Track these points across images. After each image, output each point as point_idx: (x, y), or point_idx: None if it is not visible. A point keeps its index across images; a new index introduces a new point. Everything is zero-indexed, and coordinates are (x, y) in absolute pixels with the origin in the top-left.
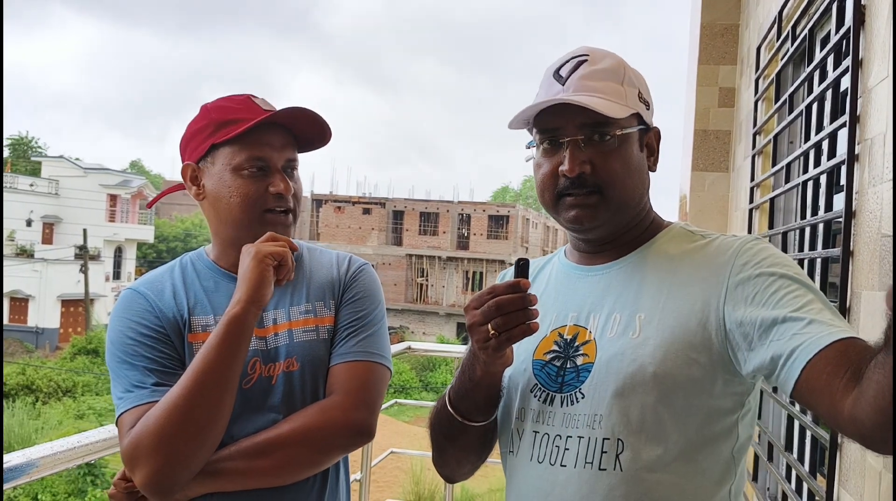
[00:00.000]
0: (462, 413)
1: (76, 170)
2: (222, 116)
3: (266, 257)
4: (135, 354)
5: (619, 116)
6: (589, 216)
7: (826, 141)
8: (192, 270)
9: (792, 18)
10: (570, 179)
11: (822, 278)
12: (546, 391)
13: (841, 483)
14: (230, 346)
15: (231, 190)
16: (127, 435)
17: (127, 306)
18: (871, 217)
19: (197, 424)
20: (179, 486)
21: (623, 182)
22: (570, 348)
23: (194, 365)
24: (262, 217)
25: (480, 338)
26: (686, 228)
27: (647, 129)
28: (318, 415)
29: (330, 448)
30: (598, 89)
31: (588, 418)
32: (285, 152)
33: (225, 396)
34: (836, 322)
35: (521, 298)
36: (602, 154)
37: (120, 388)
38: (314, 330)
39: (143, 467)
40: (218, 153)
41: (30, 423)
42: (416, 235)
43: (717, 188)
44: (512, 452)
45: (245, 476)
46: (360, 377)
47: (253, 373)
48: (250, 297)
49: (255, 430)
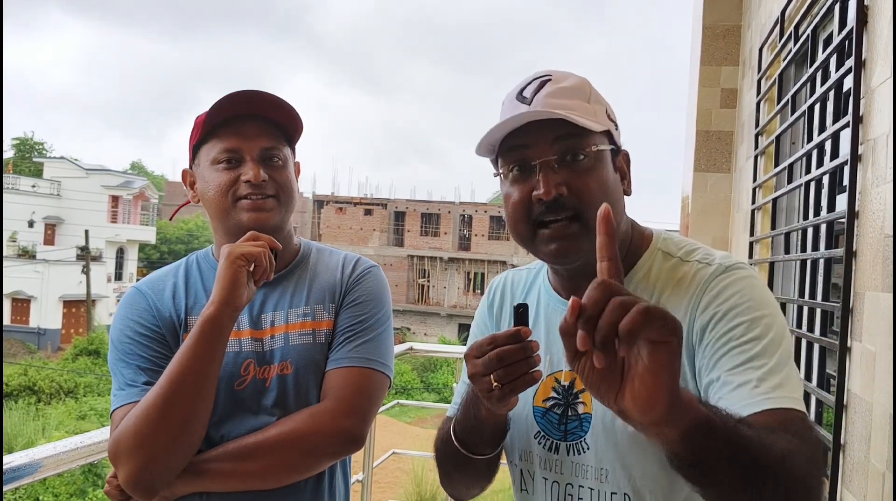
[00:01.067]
0: (468, 447)
1: (78, 171)
2: (203, 117)
3: (238, 258)
4: (130, 352)
5: (594, 129)
6: (571, 249)
7: (829, 141)
8: (196, 269)
9: (794, 19)
10: (547, 204)
11: (825, 278)
12: (550, 439)
13: (844, 483)
14: (204, 347)
15: (209, 184)
16: (112, 433)
17: (129, 305)
18: (874, 218)
19: (174, 424)
20: (160, 485)
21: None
22: (569, 394)
23: (170, 366)
24: (235, 205)
25: (483, 389)
26: (664, 249)
27: (617, 150)
28: (308, 420)
29: (317, 454)
30: (567, 106)
31: (595, 471)
32: (259, 141)
33: (201, 396)
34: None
35: (522, 348)
36: (577, 175)
37: (115, 386)
38: (310, 334)
39: (124, 466)
40: (200, 153)
41: (31, 424)
42: (418, 236)
43: (719, 189)
44: (525, 490)
45: (230, 478)
46: (354, 383)
47: (246, 375)
48: (223, 298)
49: (247, 432)
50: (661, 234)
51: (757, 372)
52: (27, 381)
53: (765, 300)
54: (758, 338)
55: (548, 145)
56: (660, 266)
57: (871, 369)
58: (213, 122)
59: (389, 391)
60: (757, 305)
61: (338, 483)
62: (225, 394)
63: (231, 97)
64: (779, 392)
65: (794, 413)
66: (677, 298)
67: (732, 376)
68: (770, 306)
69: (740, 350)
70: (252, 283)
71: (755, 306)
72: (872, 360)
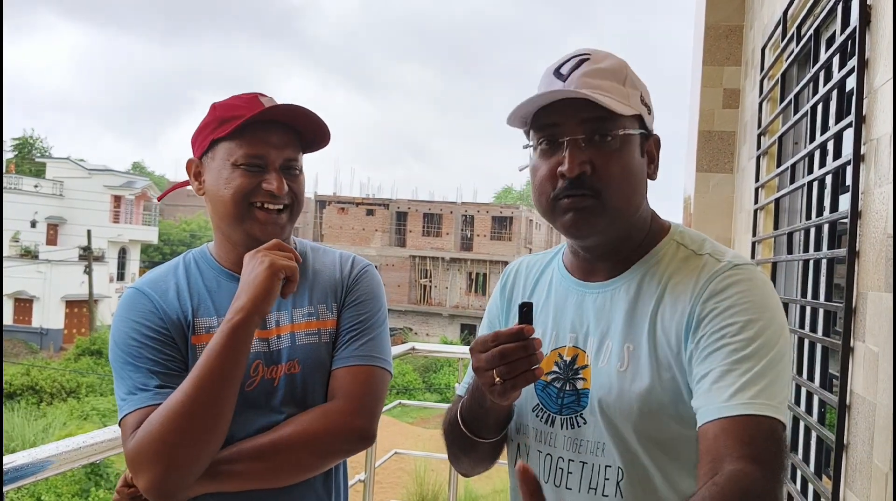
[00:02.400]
0: (474, 431)
1: (81, 171)
2: (225, 113)
3: (280, 271)
4: (139, 355)
5: (623, 113)
6: (585, 222)
7: (831, 141)
8: (195, 268)
9: (797, 19)
10: (569, 180)
11: (828, 279)
12: (547, 411)
13: (847, 484)
14: (231, 354)
15: (226, 182)
16: (130, 439)
17: (131, 306)
18: (877, 218)
19: (198, 431)
20: (181, 490)
21: (621, 188)
22: (569, 370)
23: (195, 372)
24: (250, 211)
25: (486, 383)
26: (680, 240)
27: (647, 135)
28: (321, 419)
29: (331, 453)
30: (601, 87)
31: (592, 445)
32: (284, 151)
33: (226, 403)
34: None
35: (525, 346)
36: (603, 155)
37: (123, 389)
38: (316, 333)
39: (146, 473)
40: (218, 148)
41: (35, 423)
42: (420, 236)
43: (722, 189)
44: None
45: (246, 478)
46: (361, 381)
47: (255, 375)
48: (255, 307)
49: (257, 431)
50: (678, 226)
51: (742, 377)
52: (29, 381)
53: (766, 303)
54: (750, 340)
55: (577, 124)
56: (672, 255)
57: (873, 369)
58: (247, 124)
59: (391, 392)
60: (757, 307)
61: (340, 480)
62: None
63: (274, 108)
64: (759, 399)
65: (766, 424)
66: (683, 285)
67: (717, 375)
68: (770, 310)
69: (731, 349)
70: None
71: (754, 308)
72: (875, 360)
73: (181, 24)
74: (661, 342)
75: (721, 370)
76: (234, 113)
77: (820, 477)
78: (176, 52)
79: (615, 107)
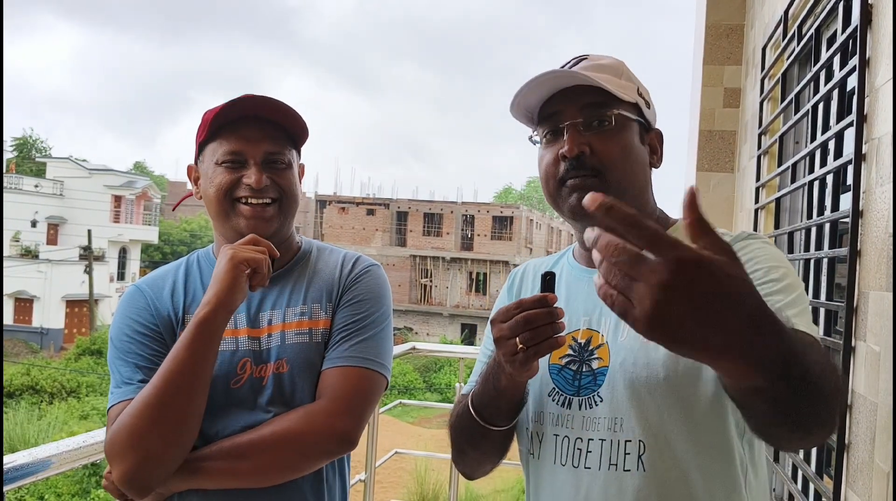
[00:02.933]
0: (485, 419)
1: (81, 171)
2: (211, 115)
3: (241, 263)
4: (128, 350)
5: (619, 97)
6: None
7: (832, 141)
8: (196, 267)
9: (798, 18)
10: (570, 161)
11: (829, 278)
12: (564, 394)
13: (849, 484)
14: (198, 345)
15: (211, 183)
16: (108, 430)
17: (128, 303)
18: (879, 217)
19: (167, 423)
20: (155, 483)
21: (623, 166)
22: (584, 352)
23: (164, 366)
24: (234, 207)
25: (508, 351)
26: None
27: (647, 127)
28: (302, 419)
29: (311, 454)
30: (599, 77)
31: (609, 421)
32: (262, 145)
33: (194, 396)
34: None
35: (549, 312)
36: (601, 137)
37: (112, 383)
38: (307, 333)
39: (118, 464)
40: (206, 151)
41: (35, 423)
42: (420, 236)
43: (723, 189)
44: (533, 455)
45: (225, 476)
46: (349, 383)
47: (242, 373)
48: (220, 300)
49: (242, 429)
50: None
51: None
52: (30, 381)
53: (783, 257)
54: (776, 280)
55: (577, 110)
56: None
57: (875, 369)
58: (220, 123)
59: (392, 391)
60: (776, 257)
61: (334, 482)
62: (221, 392)
63: (238, 101)
64: (796, 320)
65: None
66: None
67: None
68: (786, 261)
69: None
70: (248, 287)
71: (774, 258)
72: (877, 360)
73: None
74: None
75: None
76: (217, 114)
77: (821, 477)
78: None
79: (611, 88)
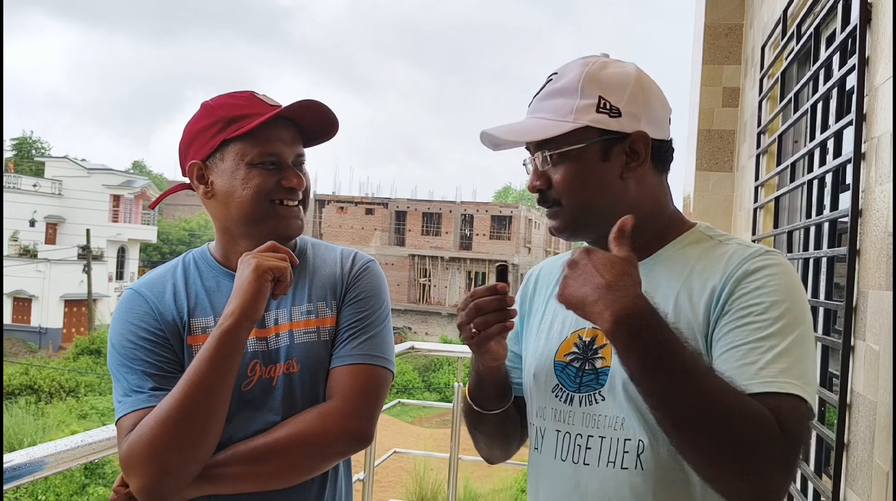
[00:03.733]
0: (478, 403)
1: (80, 170)
2: (230, 113)
3: (266, 272)
4: (134, 357)
5: (548, 136)
6: (560, 228)
7: (832, 140)
8: (194, 268)
9: (797, 17)
10: (537, 196)
11: (828, 277)
12: (566, 391)
13: (848, 483)
14: (222, 359)
15: (245, 183)
16: (124, 441)
17: (128, 307)
18: (878, 216)
19: (189, 435)
20: (172, 494)
21: (580, 194)
22: (588, 350)
23: (187, 377)
24: (272, 209)
25: (466, 336)
26: (706, 232)
27: (615, 138)
28: (316, 421)
29: (328, 454)
30: (544, 109)
31: (611, 420)
32: (294, 147)
33: (217, 409)
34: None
35: (498, 299)
36: (555, 171)
37: (119, 391)
38: (315, 331)
39: (138, 476)
40: (228, 150)
41: (33, 423)
42: (419, 235)
43: (722, 188)
44: (536, 449)
45: (242, 481)
46: (359, 381)
47: (253, 375)
48: (245, 311)
49: (254, 432)
50: (705, 224)
51: (767, 354)
52: (28, 380)
53: (793, 288)
54: (777, 319)
55: (534, 147)
56: (697, 242)
57: (874, 368)
58: (258, 122)
59: (391, 391)
60: (784, 290)
61: (341, 480)
62: (233, 396)
63: (249, 102)
64: (782, 377)
65: (788, 402)
66: (713, 268)
67: (742, 351)
68: (796, 293)
69: (756, 326)
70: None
71: (782, 291)
72: (876, 359)
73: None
74: (686, 316)
75: (747, 347)
76: (240, 112)
77: (820, 476)
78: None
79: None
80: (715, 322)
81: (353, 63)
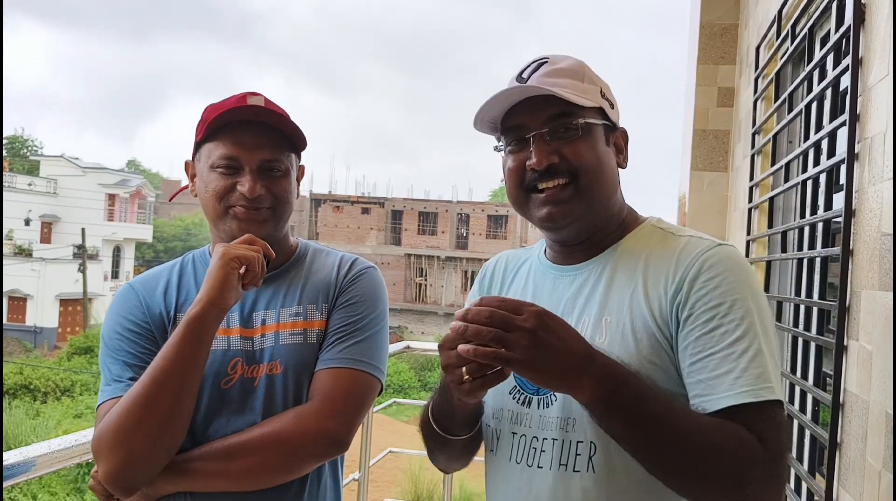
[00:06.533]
0: (444, 428)
1: (75, 169)
2: (210, 114)
3: (232, 260)
4: (118, 348)
5: (583, 104)
6: (562, 212)
7: (826, 140)
8: (191, 267)
9: (792, 17)
10: (539, 172)
11: (822, 277)
12: (524, 393)
13: (840, 482)
14: (188, 346)
15: (206, 185)
16: (95, 428)
17: (120, 301)
18: (871, 216)
19: (154, 423)
20: (140, 482)
21: (595, 170)
22: None
23: (153, 364)
24: (227, 212)
25: (455, 380)
26: (657, 225)
27: (613, 127)
28: (293, 421)
29: (301, 456)
30: (559, 84)
31: (561, 421)
32: (260, 152)
33: (182, 396)
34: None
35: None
36: (569, 143)
37: (102, 380)
38: (301, 334)
39: (104, 462)
40: (202, 150)
41: (28, 422)
42: (415, 234)
43: (717, 188)
44: (492, 451)
45: (214, 478)
46: (342, 385)
47: (234, 373)
48: (210, 298)
49: (233, 431)
50: (656, 217)
51: (740, 360)
52: (23, 380)
53: (748, 279)
54: (742, 319)
55: (541, 121)
56: (650, 236)
57: (867, 367)
58: (218, 125)
59: (386, 390)
60: (743, 285)
61: (326, 484)
62: (211, 392)
63: (236, 107)
64: (759, 383)
65: (767, 411)
66: (666, 262)
67: (716, 359)
68: (752, 283)
69: (724, 330)
70: (241, 286)
71: (740, 286)
72: (869, 358)
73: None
74: (642, 312)
75: (720, 356)
76: (217, 114)
77: (813, 476)
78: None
79: (574, 98)
80: (677, 322)
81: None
